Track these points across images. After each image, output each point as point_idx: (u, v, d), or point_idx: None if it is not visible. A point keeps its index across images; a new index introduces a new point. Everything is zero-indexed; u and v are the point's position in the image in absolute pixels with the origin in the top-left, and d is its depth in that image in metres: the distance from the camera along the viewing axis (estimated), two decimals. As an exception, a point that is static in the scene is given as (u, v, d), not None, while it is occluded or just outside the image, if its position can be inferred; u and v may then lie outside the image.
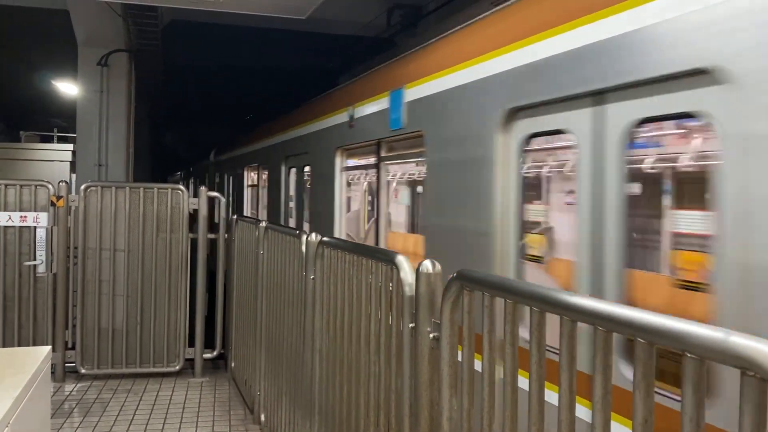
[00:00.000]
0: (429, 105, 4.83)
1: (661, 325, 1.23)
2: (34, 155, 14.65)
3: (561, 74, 3.34)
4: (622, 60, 2.95)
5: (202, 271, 6.80)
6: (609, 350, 1.40)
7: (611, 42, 3.02)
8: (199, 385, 6.47)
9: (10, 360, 2.42)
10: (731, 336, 1.09)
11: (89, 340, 6.53)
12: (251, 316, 5.50)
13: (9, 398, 1.98)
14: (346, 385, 2.99)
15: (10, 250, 6.32)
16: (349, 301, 2.96)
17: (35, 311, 6.41)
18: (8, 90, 21.54)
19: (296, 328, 3.98)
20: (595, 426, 1.40)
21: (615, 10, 3.03)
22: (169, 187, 6.74)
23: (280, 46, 16.70)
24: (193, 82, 22.28)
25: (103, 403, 5.85)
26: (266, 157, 11.11)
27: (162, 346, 6.66)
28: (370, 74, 6.85)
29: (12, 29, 15.17)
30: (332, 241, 3.38)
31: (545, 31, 3.50)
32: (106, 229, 6.53)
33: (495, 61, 3.95)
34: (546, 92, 3.45)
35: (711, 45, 2.50)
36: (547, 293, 1.59)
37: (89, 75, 11.60)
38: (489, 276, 1.92)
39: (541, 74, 3.48)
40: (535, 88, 3.53)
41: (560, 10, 3.48)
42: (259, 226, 5.17)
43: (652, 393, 1.28)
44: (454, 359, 2.10)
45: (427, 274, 2.27)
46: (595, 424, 1.40)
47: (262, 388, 5.15)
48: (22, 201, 6.34)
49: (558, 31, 3.39)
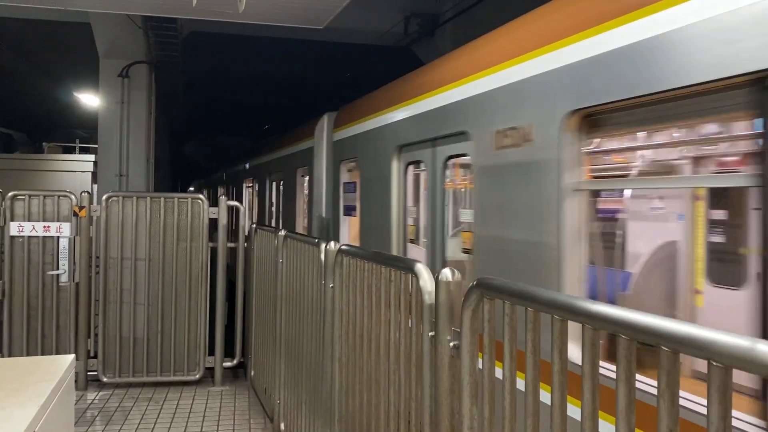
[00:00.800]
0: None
1: (685, 333, 1.21)
2: (56, 166, 14.88)
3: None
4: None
5: (222, 279, 6.85)
6: (632, 360, 1.38)
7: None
8: (219, 394, 6.50)
9: (34, 368, 2.46)
10: (758, 344, 1.07)
11: (111, 348, 6.59)
12: (270, 325, 5.52)
13: (34, 406, 2.01)
14: (366, 394, 2.99)
15: (33, 260, 6.42)
16: (369, 309, 2.96)
17: (58, 320, 6.49)
18: (31, 102, 21.94)
19: (315, 337, 3.98)
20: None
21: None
22: (189, 197, 6.80)
23: (298, 56, 16.81)
24: (212, 92, 22.51)
25: (125, 412, 5.90)
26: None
27: (182, 354, 6.71)
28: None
29: (35, 42, 15.47)
30: (351, 249, 3.39)
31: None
32: (127, 238, 6.60)
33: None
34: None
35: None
36: (569, 301, 1.58)
37: (110, 86, 11.77)
38: (509, 284, 1.90)
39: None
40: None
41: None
42: (278, 234, 5.19)
43: (677, 403, 1.26)
44: (475, 368, 2.09)
45: (446, 282, 2.26)
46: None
47: (281, 397, 5.16)
48: (45, 211, 6.43)
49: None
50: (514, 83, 4.13)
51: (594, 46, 3.45)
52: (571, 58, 3.60)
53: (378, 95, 7.24)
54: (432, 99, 5.45)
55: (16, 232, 6.35)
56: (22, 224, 6.36)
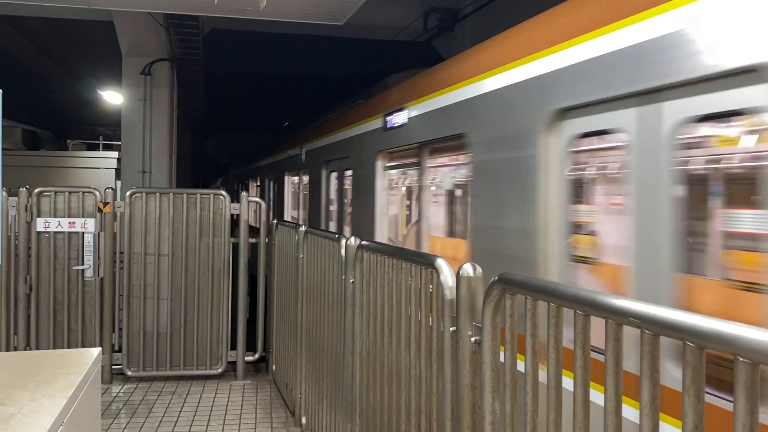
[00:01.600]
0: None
1: (711, 328, 1.20)
2: (80, 163, 15.09)
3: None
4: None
5: (244, 275, 6.90)
6: (656, 354, 1.37)
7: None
8: (241, 388, 6.56)
9: (62, 361, 2.50)
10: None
11: (135, 342, 6.69)
12: (292, 320, 5.56)
13: (63, 398, 2.05)
14: (387, 388, 3.00)
15: (59, 255, 6.52)
16: (389, 304, 2.97)
17: (83, 315, 6.59)
18: (56, 100, 22.28)
19: (336, 332, 4.00)
20: (643, 430, 1.37)
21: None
22: (211, 193, 6.86)
23: (318, 52, 16.86)
24: (233, 89, 22.65)
25: (149, 405, 5.98)
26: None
27: (205, 349, 6.78)
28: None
29: (59, 42, 15.71)
30: (371, 244, 3.40)
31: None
32: (150, 234, 6.68)
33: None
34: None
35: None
36: (591, 296, 1.57)
37: (133, 84, 11.91)
38: (531, 279, 1.90)
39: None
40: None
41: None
42: (299, 230, 5.22)
43: (703, 398, 1.25)
44: (496, 363, 2.09)
45: (467, 277, 2.26)
46: (643, 428, 1.38)
47: (303, 391, 5.20)
48: (70, 207, 6.53)
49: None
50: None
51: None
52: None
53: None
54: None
55: (42, 227, 6.46)
56: (48, 220, 6.46)
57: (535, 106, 4.11)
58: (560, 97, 3.87)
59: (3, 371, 2.41)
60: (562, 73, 3.86)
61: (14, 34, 14.59)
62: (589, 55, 3.65)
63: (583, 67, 3.69)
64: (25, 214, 6.42)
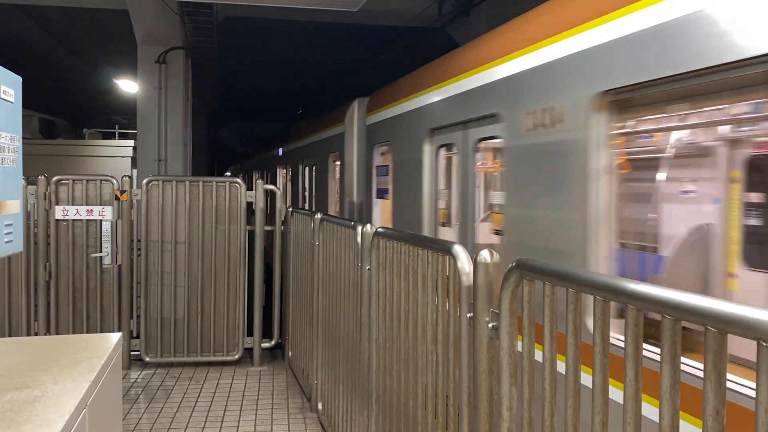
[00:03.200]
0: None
1: (732, 313, 1.19)
2: (97, 151, 15.20)
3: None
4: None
5: (260, 262, 6.95)
6: (677, 339, 1.37)
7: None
8: (257, 374, 6.62)
9: (84, 345, 2.54)
10: None
11: (152, 329, 6.76)
12: (308, 307, 5.59)
13: (86, 381, 2.09)
14: (404, 375, 3.01)
15: (78, 243, 6.60)
16: (405, 291, 2.97)
17: (102, 301, 6.68)
18: (72, 89, 22.43)
19: (352, 318, 4.02)
20: (663, 416, 1.37)
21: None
22: (227, 181, 6.90)
23: (332, 39, 16.81)
24: (247, 77, 22.67)
25: (167, 390, 6.06)
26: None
27: (222, 335, 6.85)
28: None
29: (74, 30, 15.78)
30: (387, 231, 3.40)
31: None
32: (167, 222, 6.73)
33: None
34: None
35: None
36: (611, 282, 1.57)
37: (148, 72, 11.94)
38: (550, 264, 1.89)
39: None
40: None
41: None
42: (315, 217, 5.24)
43: (724, 383, 1.24)
44: (514, 349, 2.09)
45: (485, 264, 2.25)
46: (663, 414, 1.37)
47: (319, 377, 5.24)
48: (88, 195, 6.59)
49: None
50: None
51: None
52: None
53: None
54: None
55: (60, 215, 6.53)
56: (67, 208, 6.53)
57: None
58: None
59: (26, 355, 2.45)
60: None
61: (30, 23, 14.68)
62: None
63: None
64: (44, 202, 6.49)
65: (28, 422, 1.79)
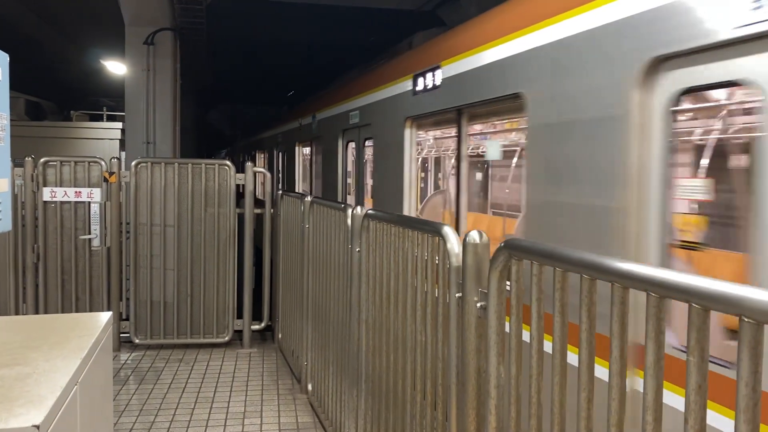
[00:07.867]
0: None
1: (716, 290, 1.22)
2: (84, 134, 15.06)
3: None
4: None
5: (249, 245, 6.95)
6: (661, 317, 1.39)
7: None
8: (247, 356, 6.65)
9: (74, 324, 2.55)
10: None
11: (142, 311, 6.76)
12: (298, 289, 5.61)
13: (77, 358, 2.09)
14: (393, 355, 3.04)
15: (66, 225, 6.56)
16: (395, 272, 2.99)
17: (91, 283, 6.66)
18: (59, 71, 22.16)
19: (342, 300, 4.05)
20: (647, 392, 1.40)
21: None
22: (216, 163, 6.87)
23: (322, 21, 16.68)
24: (236, 58, 22.46)
25: (157, 372, 6.07)
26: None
27: (211, 318, 6.86)
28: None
29: (62, 11, 15.55)
30: (378, 213, 3.41)
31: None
32: (156, 204, 6.71)
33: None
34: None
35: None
36: (597, 260, 1.59)
37: (136, 54, 11.81)
38: (537, 244, 1.91)
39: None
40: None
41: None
42: (305, 200, 5.24)
43: (707, 359, 1.27)
44: (502, 328, 2.12)
45: (474, 244, 2.27)
46: (647, 389, 1.40)
47: (308, 359, 5.27)
48: (76, 177, 6.55)
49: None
50: None
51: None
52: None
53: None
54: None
55: (48, 197, 6.49)
56: (54, 189, 6.49)
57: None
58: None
59: (17, 333, 2.45)
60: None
61: (15, 2, 14.45)
62: None
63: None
64: (32, 183, 6.44)
65: (20, 398, 1.80)
